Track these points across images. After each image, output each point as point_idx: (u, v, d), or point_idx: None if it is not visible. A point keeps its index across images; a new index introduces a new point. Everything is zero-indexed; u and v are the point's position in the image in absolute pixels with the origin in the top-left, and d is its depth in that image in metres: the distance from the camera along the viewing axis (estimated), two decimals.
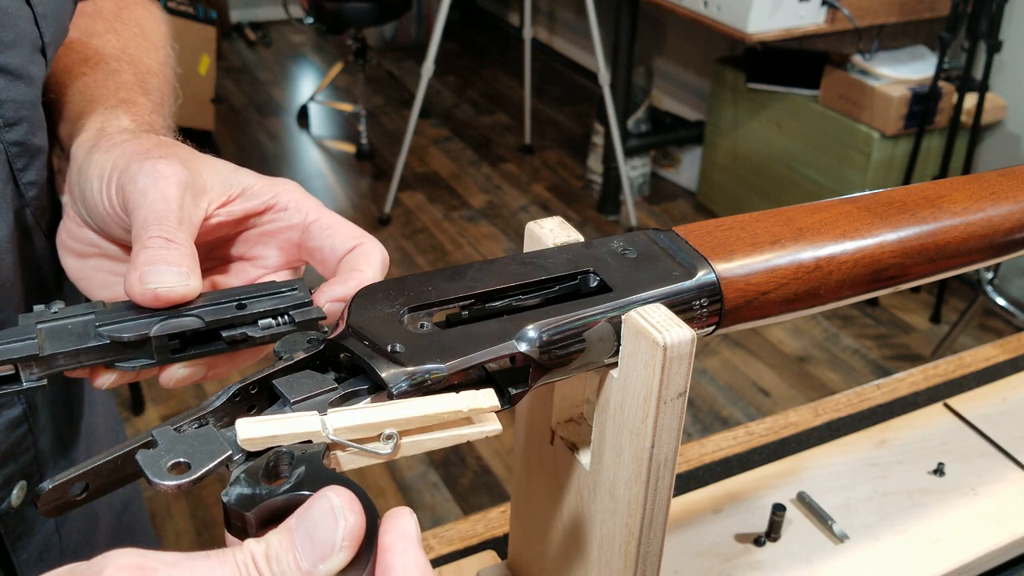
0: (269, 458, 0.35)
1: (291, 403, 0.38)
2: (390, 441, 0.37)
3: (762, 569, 0.65)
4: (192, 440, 0.36)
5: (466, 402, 0.37)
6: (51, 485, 0.35)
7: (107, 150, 0.49)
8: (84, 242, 0.52)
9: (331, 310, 0.46)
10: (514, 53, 4.08)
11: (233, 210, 0.48)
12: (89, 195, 0.48)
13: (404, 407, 0.37)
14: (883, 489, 0.72)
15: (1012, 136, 2.80)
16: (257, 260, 0.51)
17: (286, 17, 4.38)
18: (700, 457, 0.79)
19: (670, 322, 0.42)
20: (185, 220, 0.45)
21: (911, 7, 2.74)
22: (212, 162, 0.49)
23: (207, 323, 0.44)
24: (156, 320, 0.43)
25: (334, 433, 0.35)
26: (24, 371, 0.41)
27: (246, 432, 0.35)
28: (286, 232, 0.49)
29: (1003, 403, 0.83)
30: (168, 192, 0.45)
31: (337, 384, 0.39)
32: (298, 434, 0.35)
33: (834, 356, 2.66)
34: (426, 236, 3.23)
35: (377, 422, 0.36)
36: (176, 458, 0.35)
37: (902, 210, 0.52)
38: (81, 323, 0.43)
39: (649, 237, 0.48)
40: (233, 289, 0.46)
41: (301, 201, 0.49)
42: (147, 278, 0.42)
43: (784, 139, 2.99)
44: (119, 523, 0.78)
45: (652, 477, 0.44)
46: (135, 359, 0.44)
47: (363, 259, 0.47)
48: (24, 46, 0.51)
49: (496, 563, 0.65)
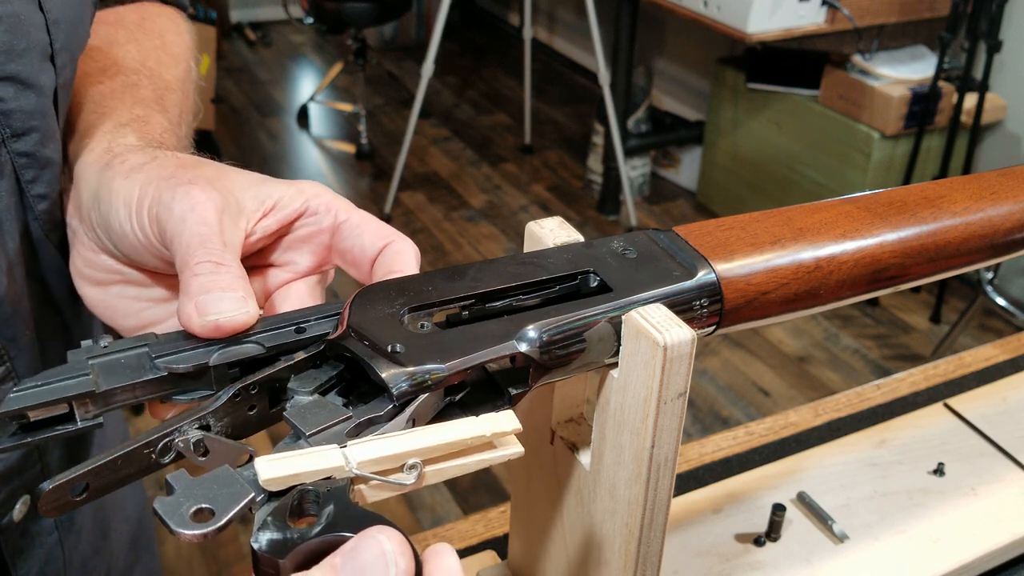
0: (293, 497, 0.34)
1: (307, 436, 0.37)
2: (414, 471, 0.36)
3: (762, 569, 0.65)
4: (211, 483, 0.34)
5: (489, 427, 0.37)
6: (51, 485, 0.35)
7: (127, 175, 0.47)
8: (103, 269, 0.50)
9: None
10: (514, 53, 4.08)
11: (268, 224, 0.47)
12: (116, 224, 0.47)
13: (426, 435, 0.36)
14: (883, 489, 0.72)
15: (1012, 136, 2.80)
16: (288, 265, 0.50)
17: (286, 17, 4.38)
18: (700, 457, 0.79)
19: (670, 322, 0.42)
20: (229, 243, 0.44)
21: (911, 7, 2.74)
22: (239, 178, 0.48)
23: (267, 349, 0.42)
24: (215, 348, 0.41)
25: (358, 467, 0.34)
26: (79, 409, 0.39)
27: (267, 472, 0.33)
28: (317, 236, 0.48)
29: (1003, 403, 0.83)
30: (208, 216, 0.44)
31: (350, 412, 0.38)
32: (321, 470, 0.34)
33: (834, 356, 2.66)
34: (426, 236, 3.23)
35: (400, 453, 0.35)
36: (197, 504, 0.33)
37: (902, 210, 0.52)
38: (135, 356, 0.41)
39: (649, 237, 0.48)
40: (288, 314, 0.45)
41: (331, 203, 0.48)
42: (205, 309, 0.41)
43: (784, 139, 2.99)
44: (133, 534, 0.77)
45: (652, 477, 0.44)
46: (194, 390, 0.42)
47: (398, 259, 0.46)
48: (35, 54, 0.50)
49: (496, 563, 0.65)
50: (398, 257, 0.46)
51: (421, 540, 0.69)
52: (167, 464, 0.39)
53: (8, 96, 0.49)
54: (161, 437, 0.38)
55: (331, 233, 0.48)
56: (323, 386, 0.40)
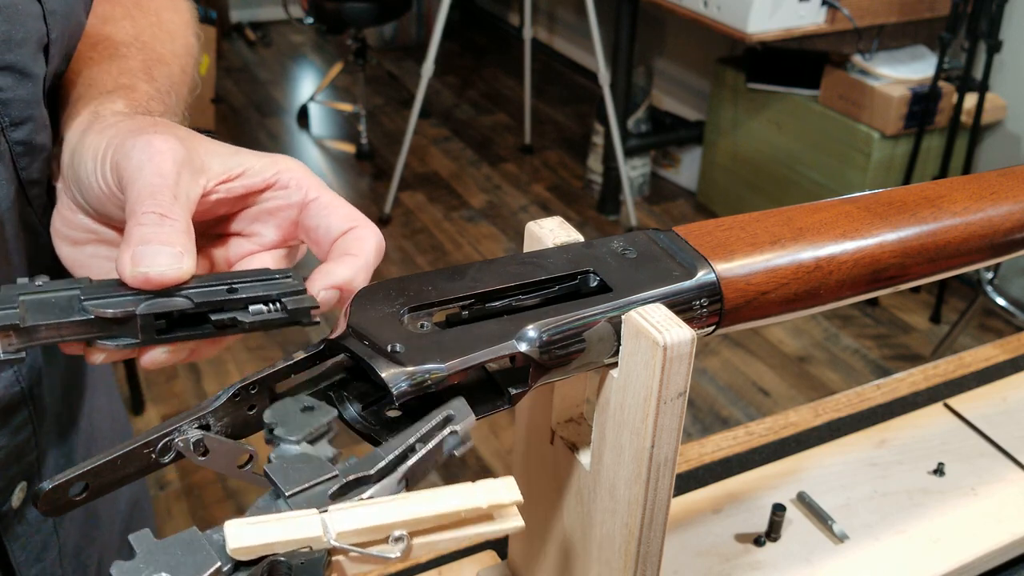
0: (263, 568, 0.31)
1: (286, 496, 0.34)
2: (400, 543, 0.33)
3: (762, 569, 0.65)
4: (175, 548, 0.31)
5: (486, 497, 0.34)
6: (51, 486, 0.35)
7: (101, 131, 0.48)
8: (79, 228, 0.50)
9: (324, 299, 0.45)
10: (514, 53, 4.08)
11: (233, 187, 0.47)
12: (84, 176, 0.47)
13: (416, 504, 0.33)
14: (883, 489, 0.72)
15: (1012, 136, 2.80)
16: (253, 236, 0.50)
17: (286, 17, 4.37)
18: (700, 457, 0.79)
19: (670, 322, 0.42)
20: (181, 196, 0.44)
21: (911, 7, 2.74)
22: (210, 143, 0.48)
23: (196, 305, 0.42)
24: (143, 298, 0.42)
25: (337, 538, 0.32)
26: (2, 341, 0.40)
27: (236, 541, 0.31)
28: (285, 210, 0.48)
29: (1003, 403, 0.83)
30: (164, 167, 0.44)
31: (336, 470, 0.35)
32: (296, 540, 0.31)
33: (834, 356, 2.66)
34: (426, 236, 3.23)
35: (385, 524, 0.32)
36: (156, 573, 0.31)
37: (902, 210, 0.52)
38: (65, 297, 0.41)
39: (649, 237, 0.48)
40: (225, 273, 0.45)
41: (303, 179, 0.48)
42: (139, 260, 0.41)
43: (784, 139, 2.99)
44: (125, 523, 0.77)
45: (652, 477, 0.44)
46: (118, 337, 0.42)
47: (356, 243, 0.46)
48: (32, 44, 0.50)
49: (496, 563, 0.65)
50: (358, 242, 0.46)
51: None
52: (167, 464, 0.39)
53: (7, 85, 0.49)
54: (161, 437, 0.38)
55: (299, 209, 0.48)
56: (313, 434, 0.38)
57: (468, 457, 2.25)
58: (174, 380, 2.46)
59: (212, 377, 2.47)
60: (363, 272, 0.45)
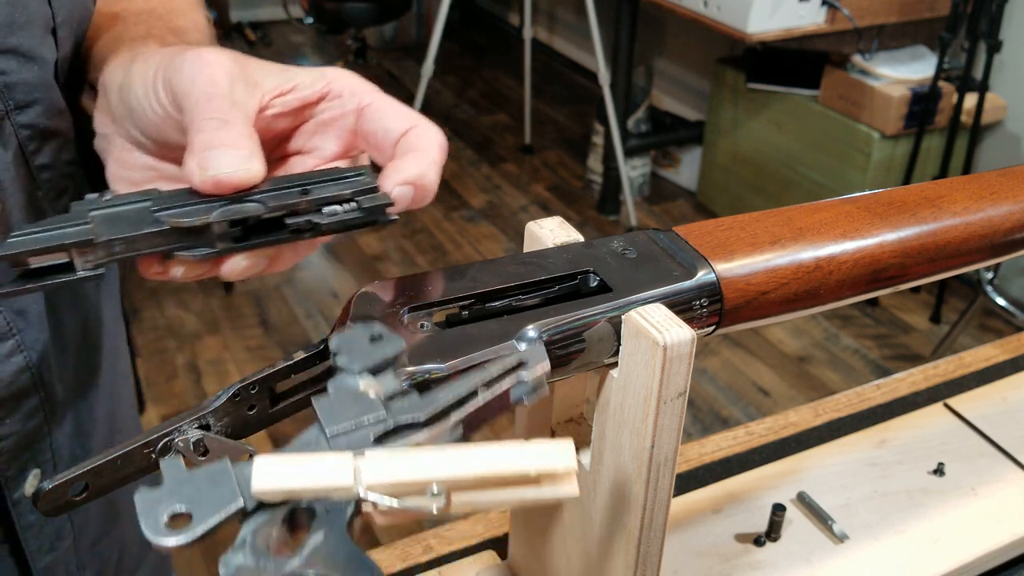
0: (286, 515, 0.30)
1: (328, 436, 0.32)
2: (437, 499, 0.30)
3: (762, 569, 0.65)
4: (201, 480, 0.30)
5: (535, 462, 0.31)
6: (51, 485, 0.35)
7: (146, 60, 0.47)
8: (137, 168, 0.49)
9: (398, 195, 0.43)
10: (514, 53, 4.08)
11: (288, 100, 0.46)
12: (135, 104, 0.46)
13: (455, 461, 0.31)
14: (883, 489, 0.72)
15: (1012, 136, 2.80)
16: (314, 151, 0.49)
17: (286, 17, 4.37)
18: (700, 457, 0.79)
19: (670, 322, 0.42)
20: (239, 104, 0.43)
21: (911, 7, 2.74)
22: (258, 61, 0.47)
23: (270, 208, 0.41)
24: (217, 205, 0.40)
25: (367, 490, 0.30)
26: (78, 259, 0.39)
27: (261, 482, 0.29)
28: (341, 119, 0.48)
29: (1003, 403, 0.83)
30: (217, 76, 0.43)
31: (384, 413, 0.33)
32: (323, 489, 0.30)
33: (834, 356, 2.66)
34: (426, 236, 3.23)
35: (419, 480, 0.30)
36: (177, 507, 0.29)
37: (902, 210, 0.52)
38: (137, 210, 0.40)
39: (649, 237, 0.48)
40: (296, 175, 0.43)
41: (355, 86, 0.47)
42: (207, 163, 0.40)
43: (784, 139, 2.99)
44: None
45: (652, 477, 0.44)
46: (195, 247, 0.41)
47: (419, 139, 0.45)
48: (36, 26, 0.50)
49: (496, 563, 0.65)
50: (421, 139, 0.45)
51: (421, 540, 0.69)
52: None
53: (11, 69, 0.49)
54: (161, 436, 0.38)
55: (356, 116, 0.47)
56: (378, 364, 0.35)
57: None
58: (174, 380, 2.46)
59: (212, 377, 2.47)
60: (432, 167, 0.45)
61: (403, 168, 0.44)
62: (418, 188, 0.44)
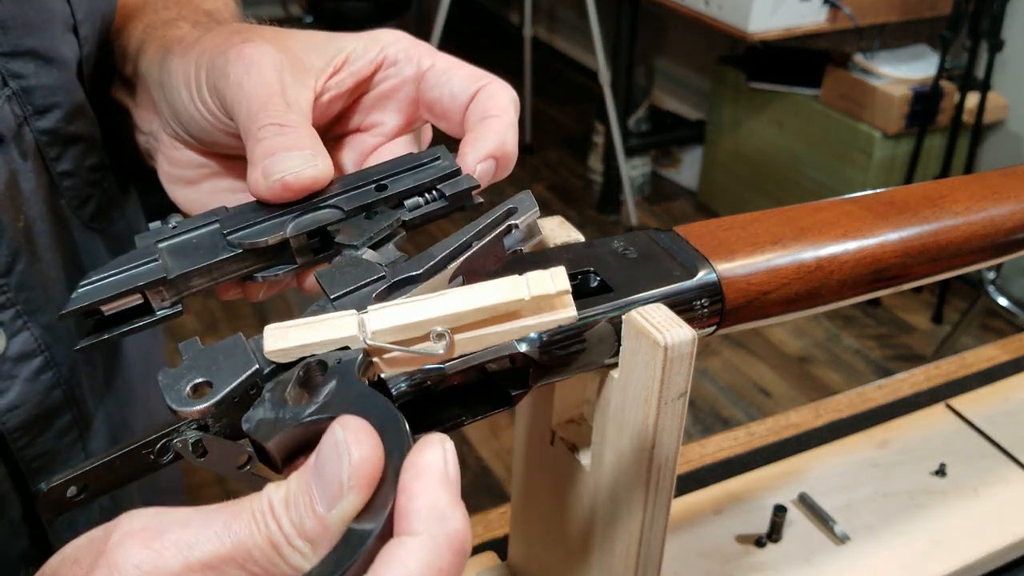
0: (300, 371, 0.31)
1: (331, 299, 0.33)
2: (442, 340, 0.31)
3: (763, 570, 0.65)
4: (217, 354, 0.31)
5: (529, 287, 0.32)
6: (47, 487, 0.35)
7: (182, 53, 0.44)
8: (188, 165, 0.46)
9: (482, 172, 0.40)
10: (514, 52, 4.07)
11: (342, 79, 0.43)
12: (180, 107, 0.43)
13: (454, 299, 0.32)
14: (884, 490, 0.72)
15: (1014, 135, 2.80)
16: (374, 128, 0.45)
17: (285, 16, 4.37)
18: (701, 458, 0.78)
19: (671, 322, 0.42)
20: (293, 101, 0.40)
21: (913, 6, 2.74)
22: (302, 37, 0.44)
23: (347, 213, 0.38)
24: (290, 218, 0.38)
25: (372, 337, 0.31)
26: (154, 298, 0.36)
27: (273, 343, 0.30)
28: (401, 89, 0.44)
29: (1005, 403, 0.83)
30: (265, 74, 0.40)
31: (384, 271, 0.33)
32: (331, 341, 0.30)
33: (835, 356, 2.66)
34: (426, 236, 3.21)
35: (423, 320, 0.31)
36: (197, 378, 0.30)
37: (904, 210, 0.52)
38: (206, 235, 0.37)
39: (650, 237, 0.48)
40: (368, 170, 0.40)
41: (411, 49, 0.43)
42: (271, 169, 0.37)
43: (785, 138, 2.99)
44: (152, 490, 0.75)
45: (653, 478, 0.44)
46: (275, 266, 0.38)
47: (491, 102, 0.41)
48: (55, 26, 0.47)
49: (496, 564, 0.65)
50: (493, 100, 0.41)
51: None
52: (166, 464, 0.38)
53: (28, 72, 0.46)
54: (159, 438, 0.38)
55: (416, 83, 0.43)
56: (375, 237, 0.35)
57: (468, 458, 2.25)
58: None
59: None
60: (511, 131, 0.41)
61: (481, 140, 0.40)
62: (500, 159, 0.41)
